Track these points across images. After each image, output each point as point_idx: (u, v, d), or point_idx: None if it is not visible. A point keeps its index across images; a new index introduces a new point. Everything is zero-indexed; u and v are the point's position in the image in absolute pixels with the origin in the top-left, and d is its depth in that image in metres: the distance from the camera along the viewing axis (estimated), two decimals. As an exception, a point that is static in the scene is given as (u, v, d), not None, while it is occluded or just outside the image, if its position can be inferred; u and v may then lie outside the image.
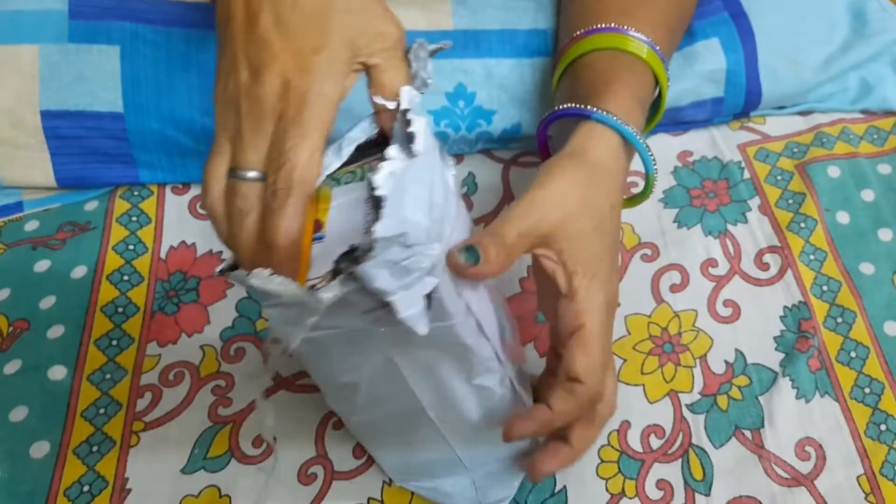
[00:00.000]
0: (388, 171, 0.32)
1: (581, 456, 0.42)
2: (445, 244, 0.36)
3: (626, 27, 0.50)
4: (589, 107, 0.44)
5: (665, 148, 0.62)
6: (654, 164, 0.46)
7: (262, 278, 0.33)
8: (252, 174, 0.35)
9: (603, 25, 0.50)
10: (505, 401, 0.42)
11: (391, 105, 0.37)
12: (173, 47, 0.57)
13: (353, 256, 0.32)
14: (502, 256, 0.38)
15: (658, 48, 0.50)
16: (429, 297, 0.35)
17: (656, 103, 0.52)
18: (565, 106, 0.46)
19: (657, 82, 0.50)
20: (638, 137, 0.44)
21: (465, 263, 0.37)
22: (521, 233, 0.39)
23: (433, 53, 0.39)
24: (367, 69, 0.38)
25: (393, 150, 0.33)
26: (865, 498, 0.47)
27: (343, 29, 0.36)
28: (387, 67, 0.37)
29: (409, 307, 0.34)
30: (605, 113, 0.44)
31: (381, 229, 0.31)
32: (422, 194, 0.34)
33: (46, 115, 0.56)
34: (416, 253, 0.33)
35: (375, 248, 0.32)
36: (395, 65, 0.38)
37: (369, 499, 0.47)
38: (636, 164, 0.47)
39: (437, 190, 0.36)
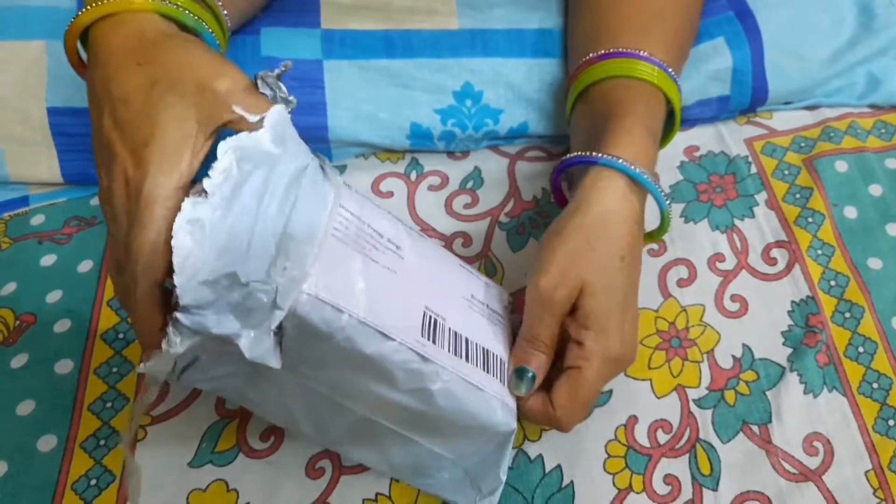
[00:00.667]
0: (186, 220, 0.33)
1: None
2: (312, 266, 0.36)
3: (638, 50, 0.51)
4: (594, 153, 0.46)
5: (671, 143, 0.61)
6: (668, 202, 0.47)
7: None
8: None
9: (613, 50, 0.51)
10: (454, 395, 0.40)
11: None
12: None
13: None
14: (549, 350, 0.44)
15: (670, 70, 0.51)
16: (280, 328, 0.35)
17: (670, 119, 0.53)
18: (572, 155, 0.47)
19: (669, 102, 0.51)
20: (648, 178, 0.45)
21: (529, 391, 0.43)
22: (548, 322, 0.43)
23: (279, 76, 0.38)
24: (229, 126, 0.38)
25: (187, 202, 0.33)
26: (874, 493, 0.47)
27: (174, 109, 0.36)
28: (239, 119, 0.37)
29: (257, 346, 0.34)
30: (611, 157, 0.45)
31: (178, 281, 0.33)
32: (264, 227, 0.35)
33: (52, 112, 0.55)
34: (254, 290, 0.34)
35: (182, 301, 0.33)
36: (248, 106, 0.37)
37: (377, 494, 0.47)
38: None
39: (299, 214, 0.36)
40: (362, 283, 0.37)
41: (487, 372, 0.42)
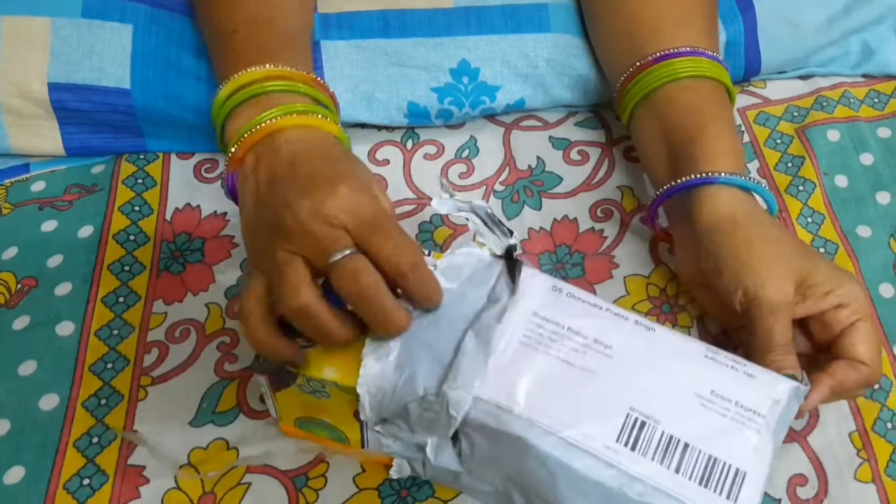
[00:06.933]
0: (369, 372, 0.40)
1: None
2: (483, 374, 0.39)
3: (692, 47, 0.52)
4: (712, 173, 0.47)
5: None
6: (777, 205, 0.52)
7: None
8: None
9: (672, 49, 0.52)
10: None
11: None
12: (186, 33, 0.58)
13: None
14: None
15: (720, 59, 0.53)
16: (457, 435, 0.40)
17: None
18: (683, 179, 0.48)
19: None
20: (763, 187, 0.49)
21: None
22: (789, 324, 0.44)
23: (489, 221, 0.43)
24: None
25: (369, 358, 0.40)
26: (857, 454, 0.48)
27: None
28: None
29: (440, 453, 0.40)
30: (729, 175, 0.47)
31: (366, 417, 0.41)
32: (439, 349, 0.40)
33: (54, 88, 0.56)
34: (430, 403, 0.39)
35: (371, 423, 0.41)
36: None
37: (372, 452, 0.47)
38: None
39: (475, 332, 0.40)
40: (547, 384, 0.39)
41: (705, 484, 0.37)
